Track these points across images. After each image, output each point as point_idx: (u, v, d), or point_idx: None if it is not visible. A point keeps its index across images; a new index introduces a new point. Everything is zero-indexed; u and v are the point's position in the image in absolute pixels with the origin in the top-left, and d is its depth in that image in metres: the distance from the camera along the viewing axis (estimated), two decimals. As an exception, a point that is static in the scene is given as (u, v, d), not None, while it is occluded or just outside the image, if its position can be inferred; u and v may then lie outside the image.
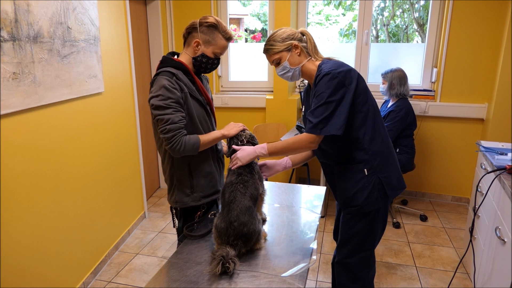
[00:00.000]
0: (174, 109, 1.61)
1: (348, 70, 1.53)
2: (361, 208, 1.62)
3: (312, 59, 1.67)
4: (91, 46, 2.47)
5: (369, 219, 1.65)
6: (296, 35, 1.65)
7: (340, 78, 1.50)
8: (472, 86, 3.44)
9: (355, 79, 1.54)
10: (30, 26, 1.91)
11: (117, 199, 2.94)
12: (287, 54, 1.65)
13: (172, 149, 1.61)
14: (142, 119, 3.54)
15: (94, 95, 2.56)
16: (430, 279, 2.57)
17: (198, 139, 1.65)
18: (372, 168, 1.60)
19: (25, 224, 1.97)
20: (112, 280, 2.59)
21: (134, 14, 3.41)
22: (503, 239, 1.80)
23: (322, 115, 1.51)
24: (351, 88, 1.52)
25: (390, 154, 1.65)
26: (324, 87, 1.51)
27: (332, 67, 1.53)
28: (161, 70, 1.68)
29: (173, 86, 1.62)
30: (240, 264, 1.40)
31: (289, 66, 1.66)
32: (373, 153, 1.59)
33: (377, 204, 1.62)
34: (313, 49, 1.68)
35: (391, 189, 1.63)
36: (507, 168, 1.92)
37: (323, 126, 1.52)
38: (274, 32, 1.68)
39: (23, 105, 1.89)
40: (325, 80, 1.51)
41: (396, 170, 1.66)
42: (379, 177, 1.60)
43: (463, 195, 3.75)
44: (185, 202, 1.78)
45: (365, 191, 1.60)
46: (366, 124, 1.58)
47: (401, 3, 5.01)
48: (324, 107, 1.51)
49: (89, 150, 2.52)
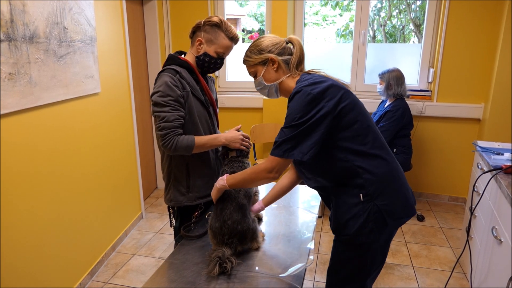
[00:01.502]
0: (171, 107, 1.61)
1: (327, 87, 1.30)
2: (352, 239, 1.37)
3: (292, 75, 1.45)
4: (88, 46, 2.46)
5: (362, 251, 1.39)
6: (276, 47, 1.44)
7: (315, 95, 1.28)
8: (468, 86, 3.45)
9: (336, 96, 1.30)
10: (26, 26, 1.90)
11: (114, 200, 2.93)
12: (262, 69, 1.46)
13: (164, 147, 1.63)
14: (139, 120, 3.53)
15: (91, 95, 2.55)
16: (427, 279, 2.58)
17: (192, 141, 1.64)
18: (368, 195, 1.34)
19: (21, 225, 1.96)
20: (109, 281, 2.58)
21: (131, 14, 3.40)
22: (499, 239, 1.80)
23: (286, 136, 1.29)
24: (328, 106, 1.28)
25: (394, 178, 1.38)
26: (294, 107, 1.30)
27: (307, 84, 1.32)
28: (166, 67, 1.69)
29: (175, 84, 1.62)
30: (237, 262, 1.40)
31: (264, 82, 1.47)
32: (368, 178, 1.34)
33: (371, 237, 1.35)
34: (295, 63, 1.45)
35: (393, 218, 1.36)
36: (504, 168, 1.93)
37: (287, 147, 1.29)
38: (256, 39, 1.50)
39: (19, 105, 1.88)
40: (296, 98, 1.30)
41: (402, 196, 1.39)
42: (377, 204, 1.33)
43: (459, 195, 3.76)
44: (180, 201, 1.78)
45: (359, 220, 1.34)
46: (357, 146, 1.33)
47: (398, 4, 5.02)
48: (291, 129, 1.29)
49: (86, 151, 2.51)
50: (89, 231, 2.59)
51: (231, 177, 1.46)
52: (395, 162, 1.42)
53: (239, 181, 1.43)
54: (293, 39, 1.47)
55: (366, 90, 3.79)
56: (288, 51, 1.46)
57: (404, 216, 1.40)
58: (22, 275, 1.97)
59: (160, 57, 3.80)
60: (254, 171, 1.38)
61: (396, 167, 1.41)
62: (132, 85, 3.18)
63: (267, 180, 1.37)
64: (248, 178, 1.41)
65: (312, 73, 1.43)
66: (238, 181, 1.43)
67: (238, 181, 1.43)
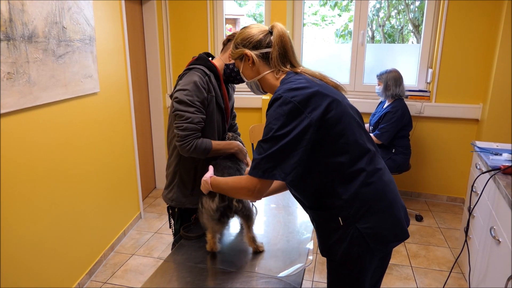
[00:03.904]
0: (196, 109, 1.59)
1: (310, 94, 1.13)
2: (340, 264, 1.25)
3: (274, 72, 1.27)
4: (87, 46, 2.45)
5: (355, 277, 1.25)
6: (250, 40, 1.28)
7: (295, 104, 1.11)
8: (467, 86, 3.46)
9: (321, 106, 1.13)
10: (24, 25, 1.89)
11: (113, 200, 2.93)
12: (240, 64, 1.33)
13: (182, 148, 1.60)
14: (138, 119, 3.53)
15: (90, 95, 2.54)
16: (426, 279, 2.58)
17: (210, 146, 1.62)
18: (348, 218, 1.18)
19: (19, 224, 1.95)
20: (107, 281, 2.58)
21: (130, 14, 3.39)
22: (498, 239, 1.81)
23: (266, 153, 1.11)
24: (311, 118, 1.11)
25: (380, 198, 1.21)
26: (272, 116, 1.13)
27: (288, 88, 1.14)
28: (194, 66, 1.66)
29: (203, 85, 1.60)
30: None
31: (245, 78, 1.35)
32: (347, 198, 1.17)
33: (360, 263, 1.21)
34: (276, 57, 1.26)
35: (379, 244, 1.20)
36: (502, 168, 1.93)
37: (266, 167, 1.12)
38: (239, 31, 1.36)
39: (18, 105, 1.88)
40: (275, 106, 1.13)
41: (391, 218, 1.22)
42: (359, 228, 1.17)
43: (458, 195, 3.77)
44: (182, 202, 1.77)
45: (342, 245, 1.19)
46: (338, 162, 1.17)
47: (397, 4, 5.03)
48: (270, 143, 1.12)
49: (85, 151, 2.51)
50: (87, 231, 2.58)
51: (215, 181, 1.36)
52: (385, 179, 1.24)
53: (221, 189, 1.34)
54: (273, 27, 1.27)
55: (365, 91, 3.79)
56: (266, 43, 1.27)
57: (394, 241, 1.23)
58: (20, 275, 1.97)
59: (159, 57, 3.79)
60: (236, 187, 1.24)
61: (384, 185, 1.23)
62: (131, 85, 3.17)
63: (250, 199, 1.27)
64: (230, 192, 1.30)
65: (301, 73, 1.24)
66: (220, 189, 1.35)
67: (220, 189, 1.35)
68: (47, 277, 2.17)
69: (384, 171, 1.27)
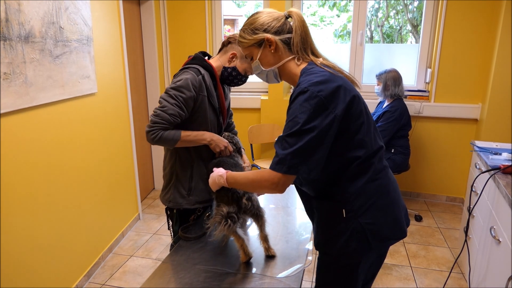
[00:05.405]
0: (177, 103, 1.60)
1: (335, 88, 1.11)
2: (334, 259, 1.25)
3: (295, 59, 1.24)
4: (84, 46, 2.44)
5: (349, 272, 1.25)
6: (273, 24, 1.22)
7: (322, 98, 1.09)
8: (466, 86, 3.46)
9: (345, 100, 1.12)
10: (21, 25, 1.88)
11: (111, 201, 2.92)
12: (258, 51, 1.26)
13: (148, 135, 1.60)
14: (136, 120, 3.51)
15: (87, 95, 2.53)
16: (425, 279, 2.57)
17: (178, 136, 1.62)
18: (352, 211, 1.19)
19: (17, 226, 1.94)
20: (106, 283, 2.57)
21: (128, 14, 3.38)
22: (498, 239, 1.80)
23: (292, 148, 1.10)
24: (337, 112, 1.11)
25: (382, 194, 1.22)
26: (298, 109, 1.11)
27: (313, 81, 1.12)
28: (190, 65, 1.67)
29: (195, 84, 1.61)
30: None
31: (261, 66, 1.29)
32: (354, 192, 1.19)
33: (356, 258, 1.22)
34: (298, 43, 1.22)
35: (378, 240, 1.21)
36: (502, 167, 1.92)
37: (292, 163, 1.10)
38: (250, 16, 1.30)
39: (14, 106, 1.87)
40: (301, 99, 1.11)
41: (391, 215, 1.24)
42: (361, 223, 1.18)
43: (457, 195, 3.76)
44: (179, 203, 1.76)
45: (341, 238, 1.20)
46: (351, 155, 1.19)
47: (395, 4, 5.03)
48: (296, 137, 1.10)
49: (83, 152, 2.50)
50: (85, 233, 2.57)
51: (232, 177, 1.33)
52: (388, 177, 1.27)
53: (240, 185, 1.31)
54: (292, 13, 1.23)
55: (364, 91, 3.79)
56: (288, 29, 1.23)
57: (391, 238, 1.25)
58: (18, 276, 1.95)
59: (157, 57, 3.78)
60: (258, 179, 1.20)
61: (388, 183, 1.25)
62: (129, 85, 3.16)
63: (271, 192, 1.21)
64: (250, 186, 1.26)
65: (319, 65, 1.21)
66: (239, 184, 1.31)
67: (239, 184, 1.31)
68: (45, 278, 2.16)
69: (388, 169, 1.29)
